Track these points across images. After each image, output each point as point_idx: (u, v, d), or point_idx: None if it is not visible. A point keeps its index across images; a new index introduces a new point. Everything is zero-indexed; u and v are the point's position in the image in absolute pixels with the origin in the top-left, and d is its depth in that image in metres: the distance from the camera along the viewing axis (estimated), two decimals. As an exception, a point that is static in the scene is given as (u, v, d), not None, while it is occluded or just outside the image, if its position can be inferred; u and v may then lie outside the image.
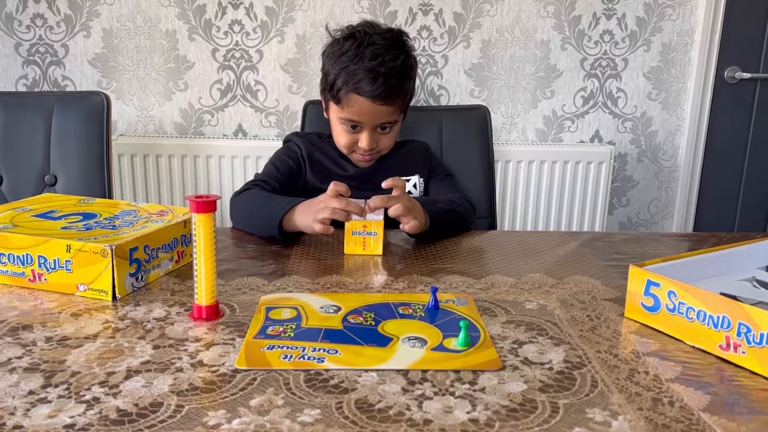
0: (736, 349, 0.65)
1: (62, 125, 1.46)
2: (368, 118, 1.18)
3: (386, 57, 1.15)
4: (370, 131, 1.20)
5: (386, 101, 1.16)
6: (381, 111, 1.17)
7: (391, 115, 1.20)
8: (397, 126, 1.25)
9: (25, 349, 0.65)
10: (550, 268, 0.94)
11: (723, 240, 1.10)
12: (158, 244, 0.86)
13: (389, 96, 1.16)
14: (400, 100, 1.20)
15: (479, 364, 0.64)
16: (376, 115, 1.18)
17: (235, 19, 2.00)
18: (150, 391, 0.57)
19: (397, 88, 1.17)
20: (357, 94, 1.15)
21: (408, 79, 1.21)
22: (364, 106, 1.16)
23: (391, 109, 1.19)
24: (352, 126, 1.20)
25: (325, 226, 0.97)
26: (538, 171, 2.05)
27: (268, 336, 0.69)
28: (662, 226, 2.26)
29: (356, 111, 1.17)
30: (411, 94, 1.25)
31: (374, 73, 1.14)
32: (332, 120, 1.24)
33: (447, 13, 2.01)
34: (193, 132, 2.09)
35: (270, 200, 1.10)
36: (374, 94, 1.14)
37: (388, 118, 1.20)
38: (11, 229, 0.84)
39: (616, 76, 2.10)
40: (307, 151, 1.26)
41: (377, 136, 1.21)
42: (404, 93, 1.20)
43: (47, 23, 1.98)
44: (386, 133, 1.22)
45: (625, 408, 0.56)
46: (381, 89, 1.14)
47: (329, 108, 1.25)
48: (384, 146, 1.24)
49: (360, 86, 1.14)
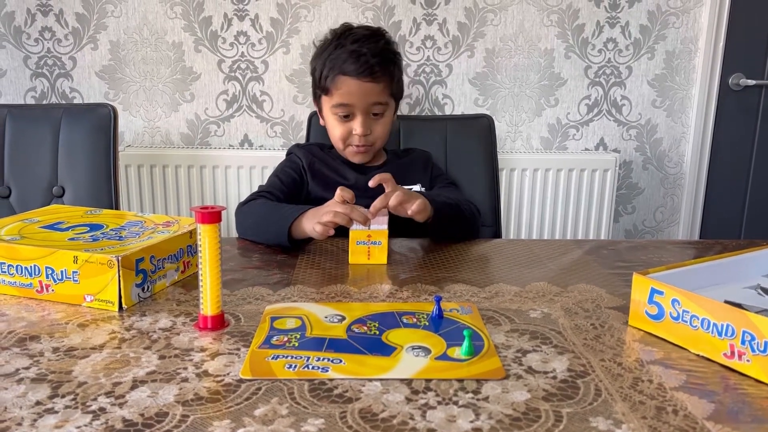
0: (741, 357, 0.65)
1: (70, 137, 1.48)
2: (358, 98, 1.20)
3: (367, 41, 1.21)
4: (362, 115, 1.21)
5: (373, 77, 1.19)
6: (369, 89, 1.20)
7: (379, 95, 1.21)
8: (390, 114, 1.26)
9: (33, 360, 0.66)
10: (554, 277, 0.95)
11: (728, 247, 1.10)
12: (164, 255, 0.87)
13: (374, 72, 1.19)
14: (386, 78, 1.22)
15: (483, 373, 0.64)
16: (366, 93, 1.20)
17: (241, 30, 2.01)
18: (155, 402, 0.58)
19: (381, 66, 1.20)
20: (343, 75, 1.19)
21: (392, 63, 1.24)
22: (352, 86, 1.19)
23: (378, 88, 1.21)
24: (345, 115, 1.22)
25: (325, 228, 0.97)
26: (543, 179, 2.05)
27: (272, 346, 0.69)
28: (668, 234, 2.26)
29: (345, 93, 1.20)
30: (398, 81, 1.27)
31: (357, 53, 1.18)
32: (326, 117, 1.27)
33: (451, 23, 2.03)
34: (199, 142, 2.10)
35: (278, 208, 1.11)
36: (359, 71, 1.18)
37: (377, 98, 1.21)
38: (19, 241, 0.85)
39: (620, 83, 2.10)
40: (307, 161, 1.28)
41: (370, 122, 1.23)
42: (389, 73, 1.23)
43: (55, 36, 2.01)
44: (378, 119, 1.24)
45: (628, 417, 0.56)
46: (365, 66, 1.18)
47: (322, 107, 1.27)
48: (378, 134, 1.25)
49: (345, 67, 1.19)
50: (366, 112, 1.21)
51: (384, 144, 1.28)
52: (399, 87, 1.29)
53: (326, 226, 0.97)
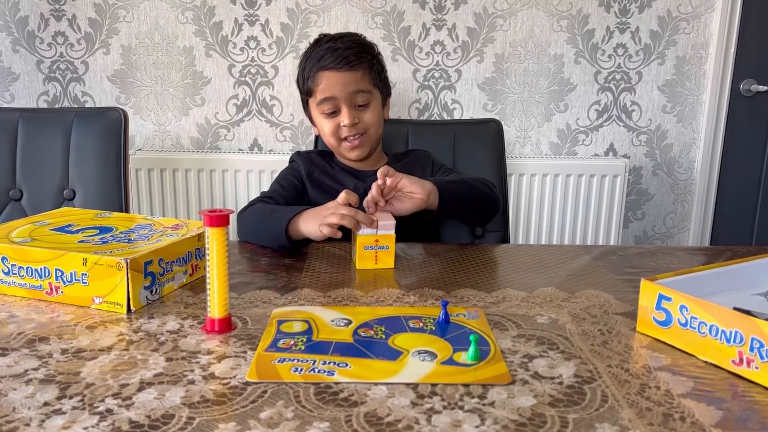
0: (749, 364, 0.64)
1: (81, 140, 1.49)
2: (339, 89, 1.21)
3: (341, 38, 1.24)
4: (347, 106, 1.22)
5: (350, 66, 1.21)
6: (349, 78, 1.21)
7: (359, 82, 1.22)
8: (376, 104, 1.26)
9: (42, 361, 0.66)
10: (562, 282, 0.94)
11: (738, 254, 1.09)
12: (172, 258, 0.88)
13: (350, 61, 1.21)
14: (365, 66, 1.23)
15: (489, 378, 0.64)
16: (346, 83, 1.21)
17: (251, 35, 2.03)
18: (162, 403, 0.58)
19: (357, 55, 1.22)
20: (322, 70, 1.21)
21: (367, 53, 1.25)
22: (332, 78, 1.21)
23: (357, 75, 1.22)
24: (331, 112, 1.23)
25: (333, 230, 0.97)
26: (552, 184, 2.05)
27: (279, 349, 0.69)
28: (678, 240, 2.24)
29: (326, 86, 1.21)
30: (380, 73, 1.28)
31: (333, 48, 1.22)
32: (316, 119, 1.28)
33: (460, 28, 2.03)
34: (209, 147, 2.12)
35: (275, 211, 1.12)
36: (337, 62, 1.20)
37: (358, 86, 1.22)
38: (30, 243, 0.85)
39: (630, 89, 2.09)
40: (306, 169, 1.29)
41: (356, 112, 1.24)
42: (367, 61, 1.24)
43: (68, 41, 2.03)
44: (365, 109, 1.25)
45: (635, 423, 0.56)
46: (341, 57, 1.20)
47: (312, 113, 1.29)
48: (368, 123, 1.25)
49: (322, 62, 1.21)
50: (350, 102, 1.22)
51: (378, 135, 1.28)
52: (382, 79, 1.29)
53: (332, 227, 0.97)
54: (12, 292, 0.85)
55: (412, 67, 2.05)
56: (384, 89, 1.30)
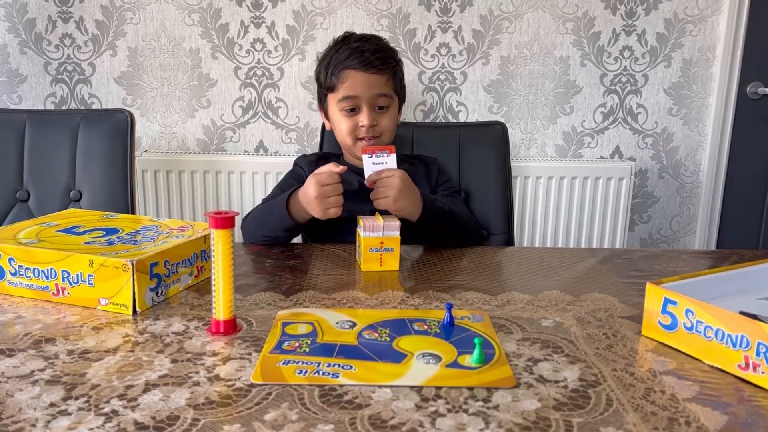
0: (755, 369, 0.64)
1: (88, 142, 1.50)
2: (363, 89, 1.23)
3: (368, 41, 1.27)
4: (368, 107, 1.24)
5: (378, 69, 1.23)
6: (374, 81, 1.23)
7: (383, 86, 1.24)
8: (394, 109, 1.28)
9: (48, 362, 0.67)
10: (567, 285, 0.94)
11: (744, 257, 1.09)
12: (178, 259, 0.88)
13: (377, 65, 1.23)
14: (389, 71, 1.26)
15: (493, 382, 0.64)
16: (370, 84, 1.23)
17: (257, 37, 2.03)
18: (167, 405, 0.58)
19: (383, 60, 1.25)
20: (349, 69, 1.23)
21: (393, 59, 1.28)
22: (358, 77, 1.23)
23: (382, 80, 1.24)
24: (351, 109, 1.24)
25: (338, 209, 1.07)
26: (557, 187, 2.04)
27: (283, 351, 0.70)
28: (684, 243, 2.23)
29: (351, 85, 1.23)
30: (400, 80, 1.31)
31: (360, 50, 1.24)
32: (332, 115, 1.29)
33: (466, 30, 2.03)
34: (215, 148, 2.12)
35: (272, 202, 1.19)
36: (365, 63, 1.22)
37: (381, 89, 1.24)
38: (36, 244, 0.86)
39: (636, 92, 2.09)
40: (310, 171, 1.29)
41: (375, 114, 1.25)
42: (392, 67, 1.27)
43: (75, 42, 2.04)
44: (384, 113, 1.26)
45: (640, 427, 0.55)
46: (368, 60, 1.22)
47: (328, 108, 1.30)
48: (385, 127, 1.26)
49: (349, 62, 1.23)
50: (371, 104, 1.24)
51: (390, 140, 1.29)
52: (401, 86, 1.32)
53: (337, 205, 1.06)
54: (19, 293, 0.86)
55: (417, 69, 2.05)
56: (402, 95, 1.33)
